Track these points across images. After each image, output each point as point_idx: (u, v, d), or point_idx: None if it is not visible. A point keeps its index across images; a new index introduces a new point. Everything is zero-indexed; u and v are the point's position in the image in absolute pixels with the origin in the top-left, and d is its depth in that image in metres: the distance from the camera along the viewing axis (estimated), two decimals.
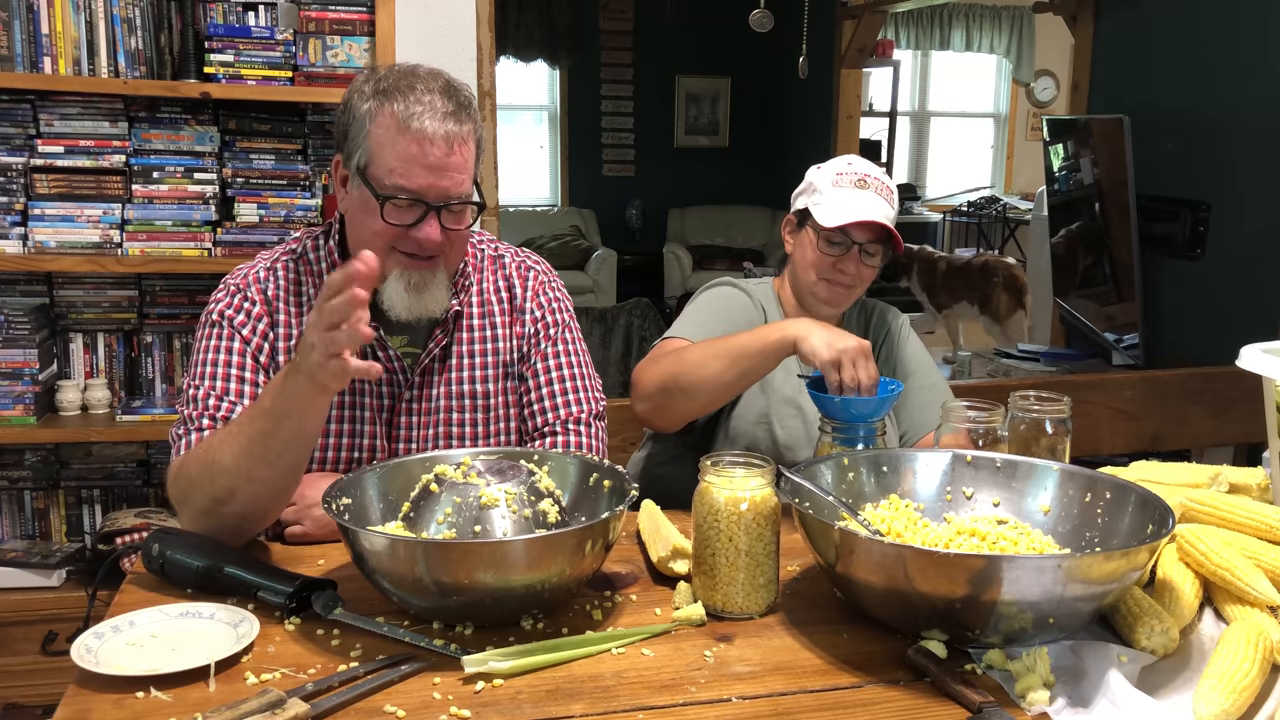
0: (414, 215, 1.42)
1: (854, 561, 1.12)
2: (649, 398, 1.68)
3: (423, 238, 1.43)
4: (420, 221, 1.43)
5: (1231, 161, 3.70)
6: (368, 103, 1.42)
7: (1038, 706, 1.02)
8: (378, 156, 1.41)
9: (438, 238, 1.44)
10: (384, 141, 1.40)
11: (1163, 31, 4.02)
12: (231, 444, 1.30)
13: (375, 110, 1.41)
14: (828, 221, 1.78)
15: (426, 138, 1.39)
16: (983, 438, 1.46)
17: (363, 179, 1.43)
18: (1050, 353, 4.48)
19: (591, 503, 1.34)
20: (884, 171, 1.88)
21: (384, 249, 1.43)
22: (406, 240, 1.44)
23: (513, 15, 7.84)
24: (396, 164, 1.40)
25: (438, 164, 1.41)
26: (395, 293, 1.46)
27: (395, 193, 1.41)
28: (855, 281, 1.83)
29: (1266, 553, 1.22)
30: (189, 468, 1.37)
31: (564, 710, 1.02)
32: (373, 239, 1.44)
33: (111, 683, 1.04)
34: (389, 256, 1.44)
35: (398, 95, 1.41)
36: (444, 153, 1.41)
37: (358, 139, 1.43)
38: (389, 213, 1.42)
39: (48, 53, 2.44)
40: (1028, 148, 9.07)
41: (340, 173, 1.49)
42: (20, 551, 2.56)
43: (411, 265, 1.46)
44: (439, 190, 1.42)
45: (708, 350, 1.63)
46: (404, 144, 1.39)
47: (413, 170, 1.40)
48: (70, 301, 2.62)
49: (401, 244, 1.44)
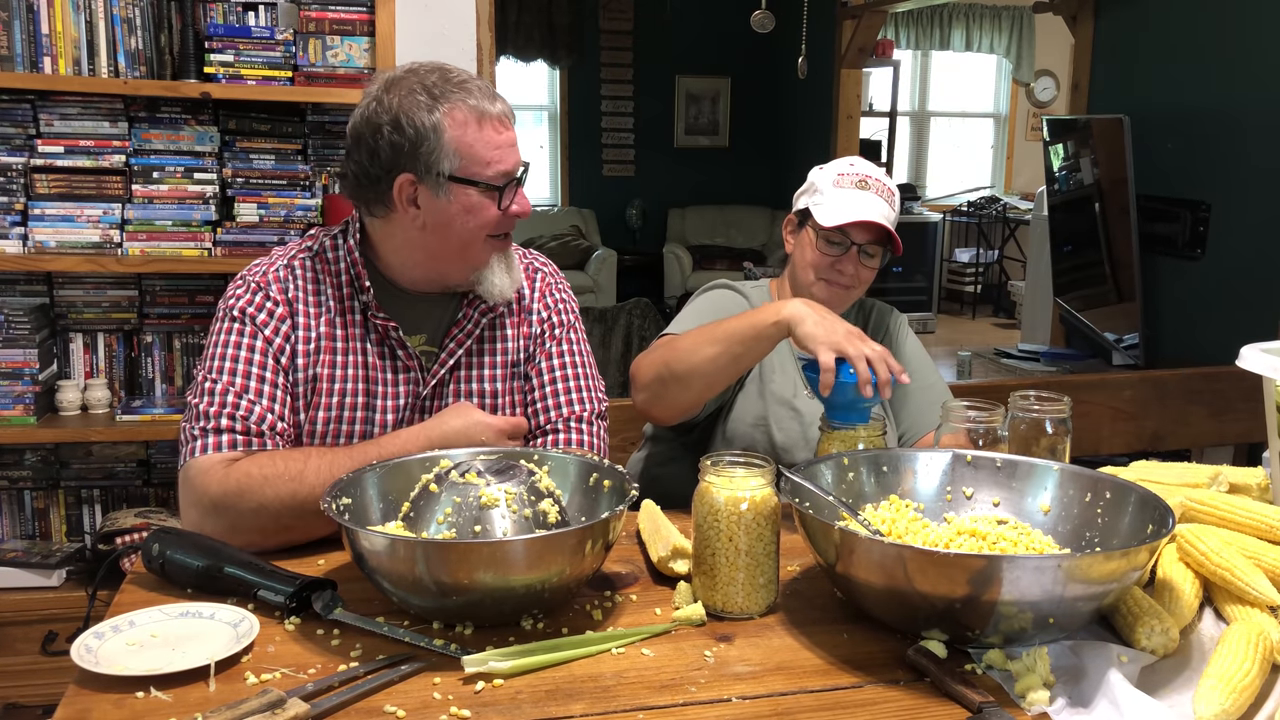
0: (514, 194, 1.51)
1: (854, 561, 1.12)
2: (646, 387, 1.68)
3: (522, 210, 1.52)
4: (516, 197, 1.51)
5: (1231, 161, 3.70)
6: (431, 114, 1.44)
7: (1038, 706, 1.02)
8: (469, 155, 1.45)
9: (530, 205, 1.53)
10: (469, 139, 1.45)
11: (1163, 31, 4.02)
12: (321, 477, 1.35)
13: (445, 114, 1.44)
14: (827, 221, 1.78)
15: (499, 120, 1.48)
16: (983, 438, 1.46)
17: (459, 182, 1.46)
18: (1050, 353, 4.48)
19: (591, 503, 1.34)
20: (886, 174, 1.88)
21: (486, 241, 1.51)
22: (506, 222, 1.51)
23: (513, 15, 7.84)
24: (490, 153, 1.46)
25: (514, 139, 1.50)
26: (497, 276, 1.53)
27: (503, 180, 1.47)
28: (853, 282, 1.83)
29: (1266, 553, 1.22)
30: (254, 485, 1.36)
31: (564, 710, 1.02)
32: (477, 234, 1.49)
33: (111, 683, 1.04)
34: (487, 244, 1.52)
35: (453, 94, 1.45)
36: (510, 124, 1.51)
37: (435, 150, 1.44)
38: (504, 199, 1.49)
39: (48, 53, 2.44)
40: (1028, 148, 9.07)
41: (409, 192, 1.47)
42: (20, 551, 2.56)
43: (502, 245, 1.54)
44: (520, 162, 1.51)
45: (701, 336, 1.62)
46: (489, 133, 1.47)
47: (505, 154, 1.48)
48: (70, 301, 2.62)
49: (502, 228, 1.52)
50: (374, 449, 1.41)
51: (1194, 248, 3.85)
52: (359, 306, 1.52)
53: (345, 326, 1.52)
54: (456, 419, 1.46)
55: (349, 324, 1.52)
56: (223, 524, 1.36)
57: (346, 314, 1.52)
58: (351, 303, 1.52)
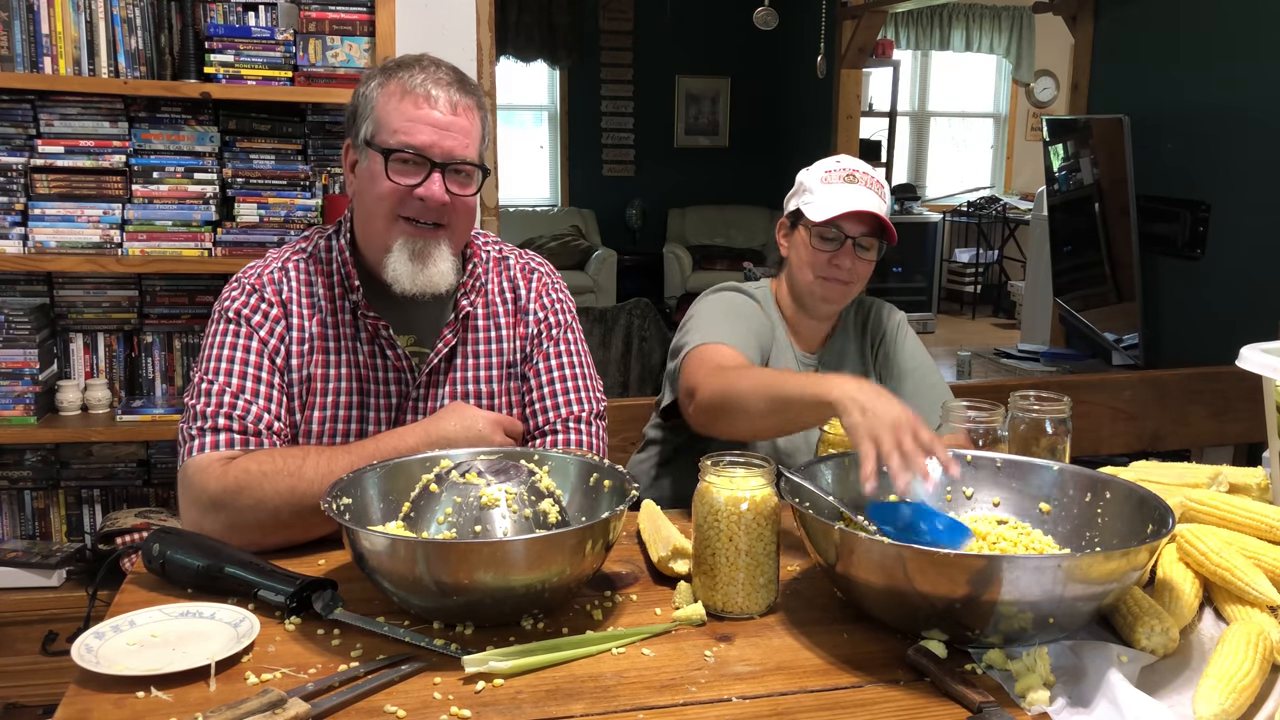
0: (418, 174, 1.45)
1: (854, 561, 1.13)
2: (707, 409, 1.62)
3: (426, 195, 1.45)
4: (424, 180, 1.45)
5: (1231, 161, 3.70)
6: (374, 81, 1.47)
7: (1038, 706, 1.02)
8: (384, 121, 1.44)
9: (442, 196, 1.45)
10: (390, 108, 1.44)
11: (1163, 31, 4.02)
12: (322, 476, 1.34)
13: (382, 84, 1.46)
14: (818, 216, 1.78)
15: (430, 98, 1.44)
16: (983, 438, 1.46)
17: (369, 146, 1.46)
18: (1050, 353, 4.48)
19: (592, 503, 1.34)
20: (874, 167, 1.87)
21: (388, 216, 1.46)
22: (410, 202, 1.45)
23: (513, 15, 7.84)
24: (401, 123, 1.43)
25: (441, 122, 1.44)
26: (399, 263, 1.47)
27: (400, 147, 1.43)
28: (851, 277, 1.83)
29: (1266, 553, 1.22)
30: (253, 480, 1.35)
31: (564, 710, 1.02)
32: (377, 203, 1.46)
33: (112, 683, 1.04)
34: (393, 225, 1.47)
35: (403, 69, 1.46)
36: (448, 110, 1.45)
37: (365, 114, 1.47)
38: (393, 170, 1.44)
39: (48, 53, 2.44)
40: (1028, 148, 9.07)
41: (350, 158, 1.51)
42: (20, 551, 2.56)
43: (415, 233, 1.47)
44: (443, 148, 1.44)
45: (758, 386, 1.54)
46: (408, 105, 1.44)
47: (416, 128, 1.43)
48: (70, 301, 2.62)
49: (405, 207, 1.46)
50: (371, 446, 1.41)
51: (1194, 248, 3.85)
52: (349, 306, 1.53)
53: (338, 326, 1.52)
54: (452, 419, 1.46)
55: (341, 324, 1.52)
56: (222, 521, 1.36)
57: (339, 314, 1.52)
58: (343, 302, 1.53)
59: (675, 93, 8.58)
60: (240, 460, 1.39)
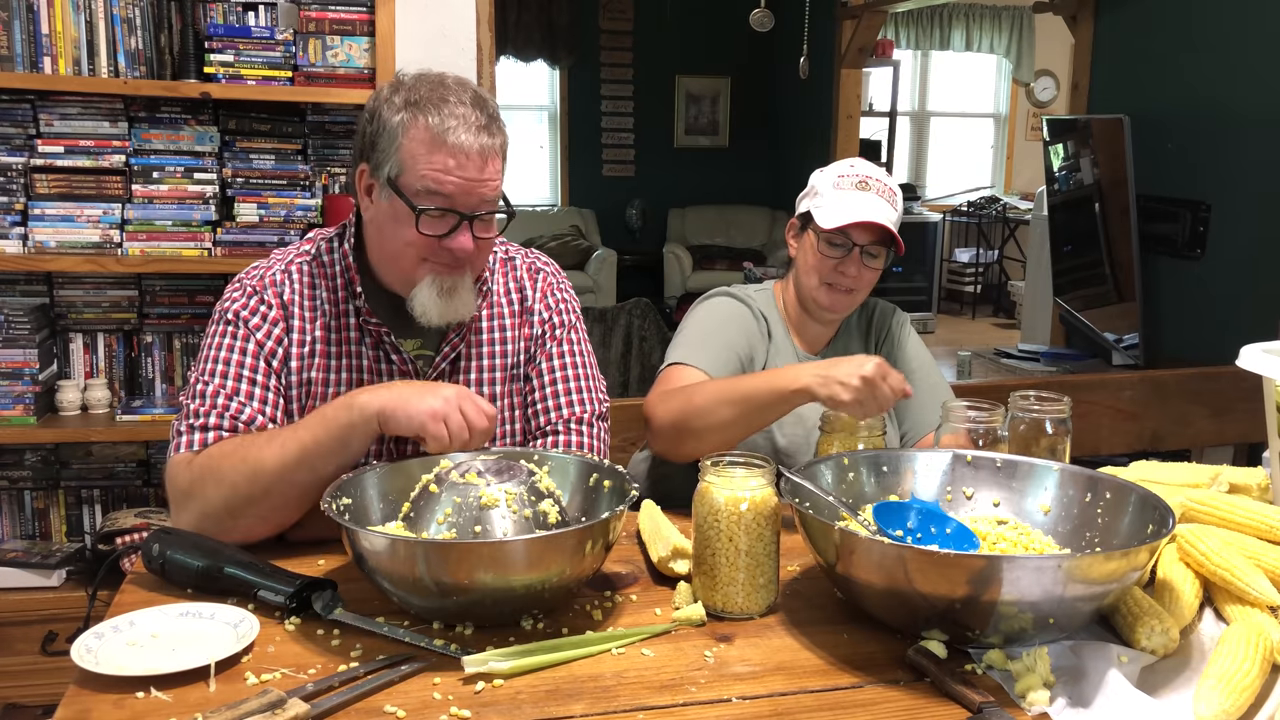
0: (447, 226, 1.43)
1: (854, 561, 1.12)
2: (661, 436, 1.68)
3: (456, 248, 1.43)
4: (453, 232, 1.43)
5: (1231, 161, 3.70)
6: (399, 114, 1.41)
7: (1038, 706, 1.02)
8: (411, 168, 1.40)
9: (470, 248, 1.44)
10: (418, 154, 1.40)
11: (1163, 31, 4.02)
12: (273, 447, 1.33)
13: (408, 123, 1.40)
14: (828, 223, 1.78)
15: (462, 151, 1.39)
16: (983, 438, 1.46)
17: (394, 190, 1.42)
18: (1050, 353, 4.48)
19: (592, 503, 1.34)
20: (888, 174, 1.87)
21: (415, 260, 1.45)
22: (440, 251, 1.44)
23: (513, 15, 7.84)
24: (432, 177, 1.40)
25: (473, 177, 1.41)
26: (428, 299, 1.46)
27: (430, 202, 1.41)
28: (856, 285, 1.83)
29: (1266, 553, 1.22)
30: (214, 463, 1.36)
31: (564, 710, 1.02)
32: (405, 249, 1.44)
33: (111, 683, 1.04)
34: (420, 266, 1.46)
35: (430, 108, 1.40)
36: (479, 167, 1.41)
37: (388, 150, 1.42)
38: (424, 224, 1.42)
39: (48, 53, 2.44)
40: (1028, 148, 9.07)
41: (365, 181, 1.47)
42: (20, 551, 2.56)
43: (443, 272, 1.46)
44: (472, 200, 1.42)
45: (718, 394, 1.60)
46: (440, 158, 1.39)
47: (448, 184, 1.40)
48: (70, 301, 2.62)
49: (434, 255, 1.45)
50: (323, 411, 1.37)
51: (1194, 248, 3.85)
52: (353, 310, 1.52)
53: (340, 330, 1.52)
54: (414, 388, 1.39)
55: (344, 328, 1.52)
56: (195, 511, 1.37)
57: (341, 318, 1.52)
58: (346, 306, 1.52)
59: (675, 93, 8.57)
60: (207, 449, 1.40)
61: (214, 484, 1.35)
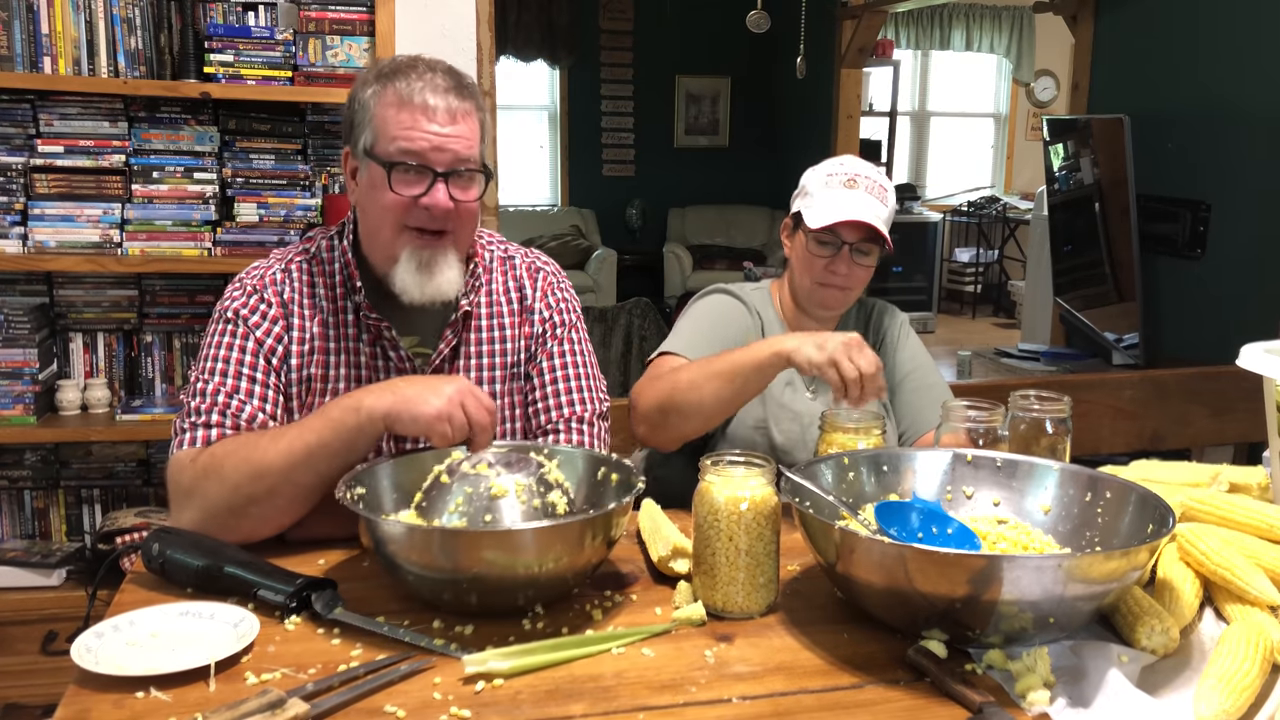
0: (421, 184, 1.44)
1: (854, 561, 1.12)
2: (646, 419, 1.69)
3: (431, 205, 1.44)
4: (428, 190, 1.44)
5: (1231, 161, 3.70)
6: (371, 88, 1.45)
7: (1038, 706, 1.02)
8: (383, 132, 1.43)
9: (446, 204, 1.45)
10: (388, 118, 1.43)
11: (1163, 31, 4.02)
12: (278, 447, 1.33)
13: (379, 93, 1.44)
14: (815, 222, 1.79)
15: (429, 106, 1.42)
16: (983, 437, 1.46)
17: (370, 157, 1.45)
18: (1050, 353, 4.47)
19: (599, 496, 1.36)
20: (879, 170, 1.87)
21: (394, 227, 1.45)
22: (415, 212, 1.45)
23: (513, 15, 7.84)
24: (400, 132, 1.42)
25: (441, 129, 1.43)
26: (406, 274, 1.47)
27: (401, 158, 1.42)
28: (848, 283, 1.83)
29: (1266, 552, 1.22)
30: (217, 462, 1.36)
31: (564, 710, 1.02)
32: (383, 215, 1.45)
33: (111, 683, 1.04)
34: (399, 236, 1.46)
35: (399, 75, 1.44)
36: (447, 119, 1.43)
37: (364, 124, 1.46)
38: (396, 181, 1.43)
39: (48, 53, 2.44)
40: (1028, 148, 9.07)
41: (350, 165, 1.50)
42: (20, 551, 2.56)
43: (422, 243, 1.47)
44: (444, 156, 1.43)
45: (702, 370, 1.63)
46: (407, 115, 1.42)
47: (416, 136, 1.42)
48: (70, 301, 2.62)
49: (411, 217, 1.45)
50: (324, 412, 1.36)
51: (1194, 248, 3.85)
52: (352, 307, 1.52)
53: (339, 327, 1.52)
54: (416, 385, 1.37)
55: (343, 324, 1.52)
56: (197, 509, 1.36)
57: (340, 314, 1.52)
58: (345, 303, 1.53)
59: (675, 93, 8.57)
60: (210, 447, 1.40)
61: (216, 483, 1.35)
